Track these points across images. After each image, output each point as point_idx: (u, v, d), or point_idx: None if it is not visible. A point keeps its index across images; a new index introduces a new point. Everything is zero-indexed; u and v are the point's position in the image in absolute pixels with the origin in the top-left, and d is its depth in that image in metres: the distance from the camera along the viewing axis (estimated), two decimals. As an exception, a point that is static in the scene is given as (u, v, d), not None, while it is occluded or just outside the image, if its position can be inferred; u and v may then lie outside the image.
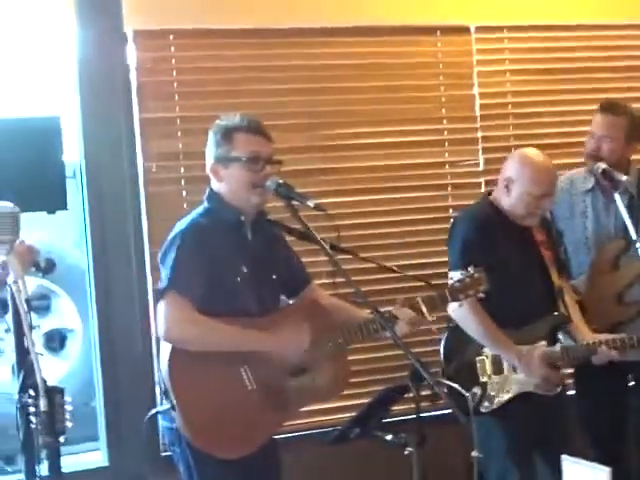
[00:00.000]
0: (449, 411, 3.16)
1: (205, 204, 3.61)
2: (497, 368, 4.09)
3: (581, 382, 4.59)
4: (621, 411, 4.53)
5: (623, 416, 4.55)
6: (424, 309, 3.60)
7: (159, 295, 3.45)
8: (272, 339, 3.47)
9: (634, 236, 3.80)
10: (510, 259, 4.09)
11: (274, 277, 3.65)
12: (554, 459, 3.22)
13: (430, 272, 4.52)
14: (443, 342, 4.19)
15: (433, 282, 3.82)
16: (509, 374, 4.08)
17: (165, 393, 3.43)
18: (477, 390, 4.05)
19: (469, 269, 3.73)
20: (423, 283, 3.82)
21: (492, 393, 4.07)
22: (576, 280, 4.50)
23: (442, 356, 4.18)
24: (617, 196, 3.97)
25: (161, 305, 3.42)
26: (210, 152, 3.57)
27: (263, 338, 3.47)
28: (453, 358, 4.14)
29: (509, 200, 4.14)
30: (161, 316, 3.41)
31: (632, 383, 4.51)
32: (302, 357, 3.50)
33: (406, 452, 3.22)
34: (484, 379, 4.08)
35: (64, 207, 4.10)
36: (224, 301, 3.47)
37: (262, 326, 3.49)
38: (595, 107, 4.62)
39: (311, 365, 3.54)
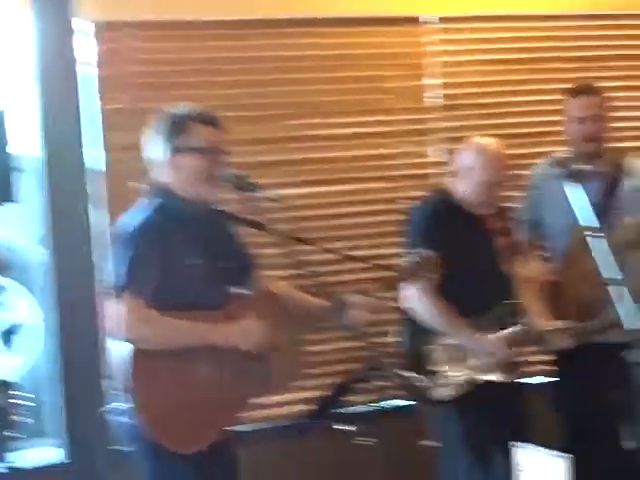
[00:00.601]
0: (407, 402, 3.15)
1: (153, 198, 3.53)
2: (452, 356, 4.07)
3: (560, 370, 4.59)
4: (599, 402, 4.48)
5: (601, 406, 4.52)
6: (378, 294, 3.59)
7: (114, 294, 3.37)
8: (228, 332, 3.43)
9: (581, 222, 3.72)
10: (463, 247, 4.09)
11: (228, 267, 3.60)
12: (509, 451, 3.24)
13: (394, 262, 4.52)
14: (399, 332, 4.18)
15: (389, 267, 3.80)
16: (465, 362, 4.07)
17: (122, 389, 3.38)
18: (433, 379, 4.05)
19: (420, 251, 3.73)
20: (382, 270, 3.81)
21: (448, 382, 4.06)
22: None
23: (398, 346, 4.16)
24: (566, 187, 3.91)
25: (117, 305, 3.36)
26: (160, 142, 3.50)
27: (219, 331, 3.42)
28: (409, 347, 4.13)
29: (462, 188, 4.19)
30: (118, 317, 3.35)
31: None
32: (257, 348, 3.46)
33: (364, 443, 3.21)
34: (439, 368, 4.07)
35: (9, 199, 4.08)
36: (182, 295, 3.41)
37: (217, 319, 3.45)
38: (554, 97, 4.63)
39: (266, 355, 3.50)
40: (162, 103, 3.85)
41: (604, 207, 4.39)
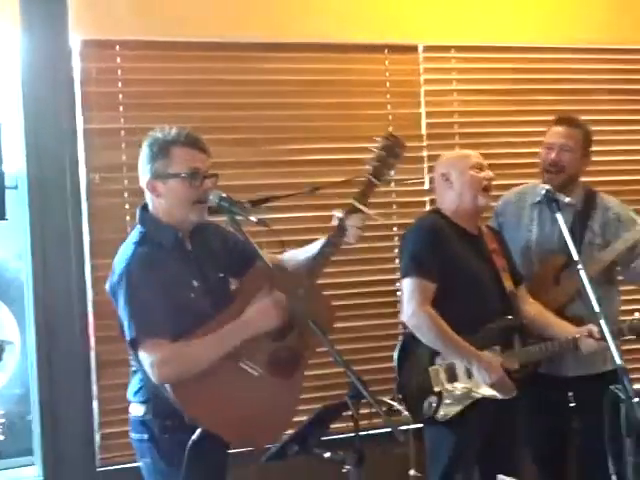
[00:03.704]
0: (388, 429, 3.14)
1: (139, 228, 3.50)
2: (451, 376, 4.08)
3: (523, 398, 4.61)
4: (562, 430, 4.50)
5: (564, 435, 4.52)
6: (360, 206, 3.57)
7: (131, 346, 3.36)
8: (247, 322, 3.40)
9: (575, 257, 3.78)
10: (461, 265, 4.12)
11: (221, 275, 3.58)
12: (495, 471, 3.25)
13: (380, 289, 4.76)
14: (396, 353, 4.19)
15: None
16: (464, 381, 4.06)
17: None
18: (433, 400, 4.04)
19: (382, 141, 3.64)
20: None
21: (448, 401, 4.06)
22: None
23: (395, 367, 4.18)
24: (559, 216, 3.95)
25: (141, 354, 3.33)
26: (146, 166, 3.45)
27: (240, 326, 3.39)
28: (406, 368, 4.15)
29: (455, 192, 4.22)
30: (146, 365, 3.32)
31: (573, 404, 4.48)
32: (280, 321, 3.43)
33: (344, 470, 3.20)
34: (439, 388, 4.07)
35: (2, 217, 4.04)
36: (185, 320, 3.37)
37: (226, 321, 3.40)
38: (541, 129, 4.66)
39: (292, 318, 3.47)
40: (147, 124, 3.87)
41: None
